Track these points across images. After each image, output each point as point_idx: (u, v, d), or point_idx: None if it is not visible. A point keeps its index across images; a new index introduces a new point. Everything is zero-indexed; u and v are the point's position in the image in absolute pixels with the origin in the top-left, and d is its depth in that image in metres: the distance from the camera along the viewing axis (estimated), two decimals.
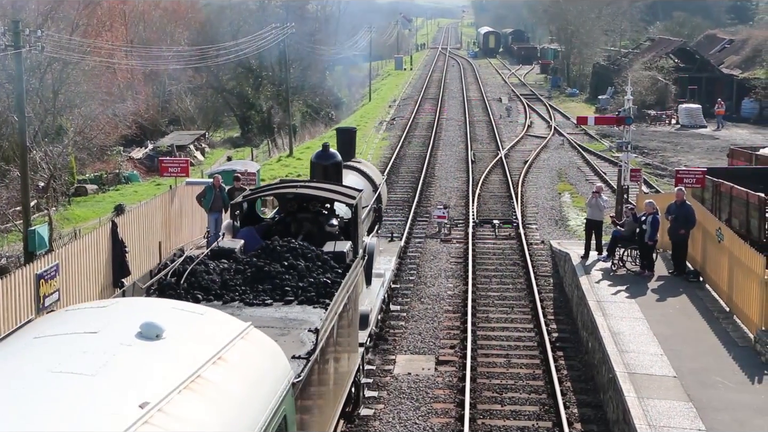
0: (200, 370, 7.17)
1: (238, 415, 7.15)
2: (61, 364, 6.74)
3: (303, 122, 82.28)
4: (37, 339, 7.49)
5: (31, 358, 7.03)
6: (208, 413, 6.77)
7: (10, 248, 35.29)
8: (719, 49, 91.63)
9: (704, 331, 18.61)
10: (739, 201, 26.93)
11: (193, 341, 7.86)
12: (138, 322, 7.56)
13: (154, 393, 6.44)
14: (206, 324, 8.46)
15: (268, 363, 8.55)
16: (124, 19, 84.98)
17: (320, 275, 14.31)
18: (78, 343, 7.24)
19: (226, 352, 7.79)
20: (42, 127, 50.77)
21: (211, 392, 7.03)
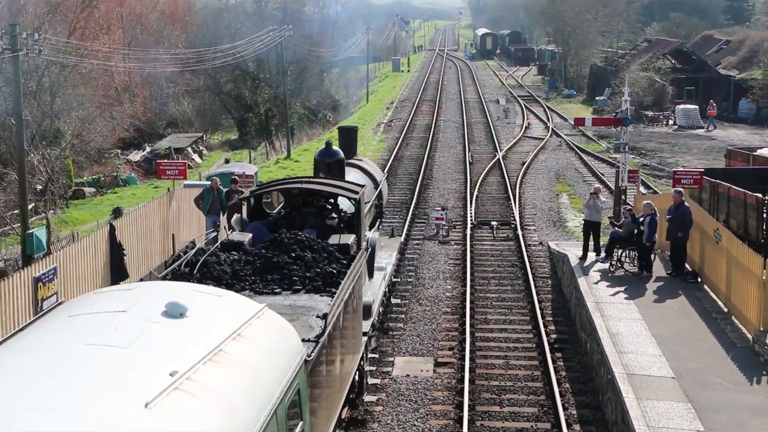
0: (222, 344, 7.86)
1: (257, 385, 7.89)
2: (96, 337, 7.45)
3: (300, 124, 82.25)
4: (71, 317, 8.20)
5: (68, 333, 7.72)
6: (230, 382, 7.48)
7: (8, 251, 35.25)
8: (716, 49, 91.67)
9: (702, 332, 18.62)
10: (737, 201, 26.95)
11: (213, 319, 8.61)
12: (163, 302, 8.30)
13: (181, 363, 7.12)
14: (225, 304, 9.23)
15: (283, 340, 9.29)
16: (122, 22, 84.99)
17: (326, 266, 14.90)
18: (109, 320, 7.95)
19: (244, 330, 8.51)
20: (39, 131, 50.75)
21: (233, 364, 7.73)
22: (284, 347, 9.21)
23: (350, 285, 14.45)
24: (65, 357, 7.06)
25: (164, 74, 77.22)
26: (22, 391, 6.40)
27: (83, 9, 64.35)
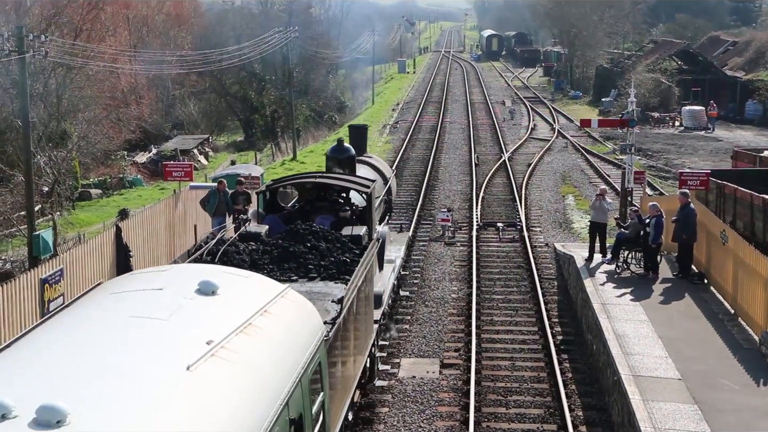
0: (250, 319, 8.68)
1: (283, 356, 8.78)
2: (139, 311, 8.32)
3: (306, 126, 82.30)
4: (113, 294, 9.13)
5: (113, 308, 8.61)
6: (260, 352, 8.34)
7: (15, 253, 35.32)
8: (722, 50, 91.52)
9: (709, 334, 18.58)
10: (744, 203, 26.92)
11: (242, 297, 9.52)
12: (195, 281, 9.17)
13: (216, 334, 7.92)
14: (252, 284, 10.20)
15: (305, 317, 10.19)
16: (128, 24, 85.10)
17: (340, 255, 15.71)
18: (149, 296, 8.88)
19: (270, 307, 9.34)
20: (46, 132, 50.84)
21: (261, 336, 8.57)
22: (306, 324, 10.07)
23: (363, 273, 15.18)
24: (114, 327, 7.98)
25: (170, 76, 77.37)
26: (80, 353, 7.27)
27: (89, 11, 64.40)
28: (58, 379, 6.65)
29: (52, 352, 7.35)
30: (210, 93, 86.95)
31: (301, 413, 8.94)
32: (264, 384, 7.97)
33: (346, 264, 15.28)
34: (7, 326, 16.58)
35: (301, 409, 8.97)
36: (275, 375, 8.32)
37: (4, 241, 38.11)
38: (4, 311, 16.58)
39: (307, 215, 19.09)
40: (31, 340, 7.76)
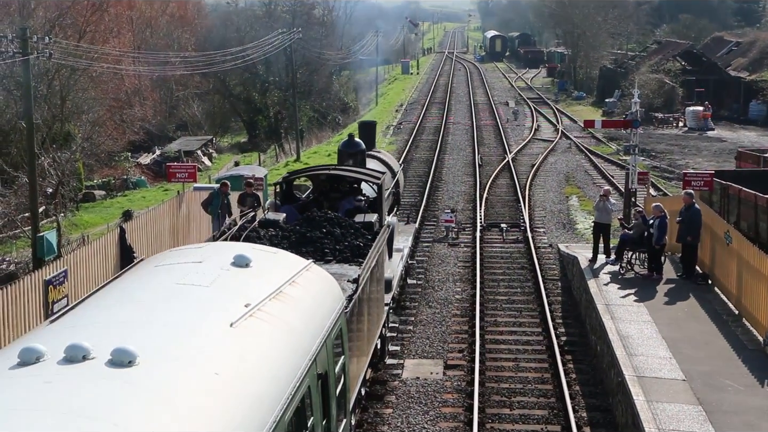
0: (281, 287, 9.90)
1: (310, 318, 10.00)
2: (184, 279, 9.51)
3: (310, 127, 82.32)
4: (158, 267, 10.33)
5: (160, 277, 9.82)
6: (290, 314, 9.52)
7: (19, 254, 35.37)
8: (726, 51, 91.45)
9: (713, 334, 18.57)
10: (748, 204, 26.90)
11: (272, 269, 10.75)
12: (230, 255, 10.40)
13: (252, 299, 9.10)
14: (280, 259, 11.54)
15: (327, 288, 11.45)
16: (132, 26, 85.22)
17: (353, 240, 16.87)
18: (190, 267, 10.04)
19: (297, 278, 10.59)
20: (50, 134, 50.91)
21: (291, 302, 9.78)
22: (329, 293, 11.33)
23: (375, 256, 16.33)
24: (163, 291, 9.23)
25: (174, 77, 77.40)
26: (139, 311, 8.48)
27: (93, 12, 64.49)
28: (125, 330, 7.77)
29: (116, 310, 8.61)
30: (213, 94, 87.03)
31: (326, 371, 10.14)
32: (295, 341, 9.21)
33: (359, 248, 16.43)
34: (11, 327, 16.60)
35: (326, 367, 10.18)
36: (304, 334, 9.55)
37: (9, 243, 38.15)
38: (8, 312, 16.61)
39: (321, 205, 20.06)
40: (95, 301, 8.96)
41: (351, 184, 21.58)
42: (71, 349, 6.95)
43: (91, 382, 6.62)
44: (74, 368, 6.79)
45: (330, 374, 10.36)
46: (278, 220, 17.69)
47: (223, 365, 7.58)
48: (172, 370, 7.14)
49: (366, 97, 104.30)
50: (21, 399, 6.25)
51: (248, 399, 7.41)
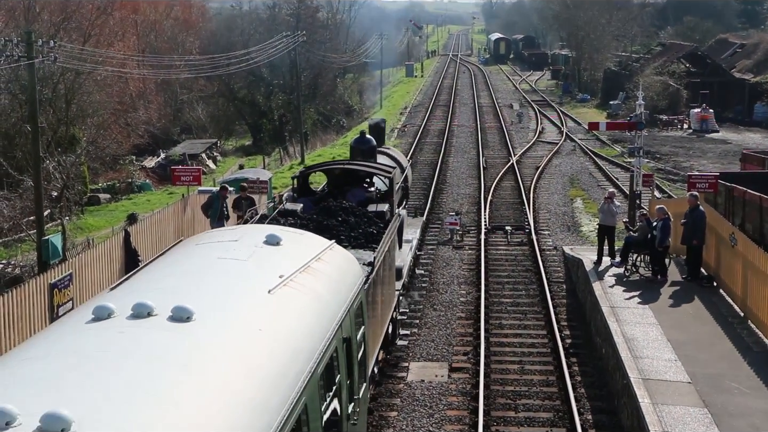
0: (309, 262, 11.02)
1: (335, 289, 11.24)
2: (223, 254, 10.70)
3: (314, 130, 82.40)
4: (198, 245, 11.58)
5: (201, 253, 11.03)
6: (319, 285, 10.71)
7: (24, 258, 35.41)
8: (731, 53, 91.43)
9: (718, 337, 18.54)
10: (753, 205, 26.87)
11: (300, 247, 11.93)
12: (262, 235, 11.56)
13: (285, 271, 10.24)
14: (306, 239, 12.80)
15: (349, 265, 12.73)
16: (136, 29, 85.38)
17: (367, 228, 18.10)
18: (228, 245, 11.24)
19: (322, 255, 11.77)
20: (55, 137, 51.03)
21: (318, 275, 10.99)
22: (350, 269, 12.62)
23: (387, 242, 17.41)
24: (207, 264, 10.43)
25: (178, 81, 77.54)
26: (188, 279, 9.77)
27: (98, 16, 64.68)
28: (179, 293, 8.85)
29: (168, 278, 9.87)
30: (218, 97, 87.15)
31: (350, 336, 11.37)
32: (324, 308, 10.45)
33: (372, 235, 17.71)
34: (16, 331, 16.61)
35: (350, 333, 11.40)
36: (331, 302, 10.79)
37: (14, 246, 38.20)
38: (13, 316, 16.62)
39: (335, 198, 20.86)
40: (146, 273, 10.25)
41: (363, 177, 22.69)
42: (137, 307, 8.09)
43: (157, 333, 7.78)
44: (142, 322, 7.94)
45: (353, 340, 11.62)
46: (296, 209, 18.78)
47: (265, 323, 8.90)
48: (223, 325, 8.36)
49: (370, 100, 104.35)
50: (101, 345, 7.42)
51: (287, 352, 8.72)
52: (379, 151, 25.69)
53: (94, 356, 7.15)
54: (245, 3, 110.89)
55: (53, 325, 8.99)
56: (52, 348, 7.47)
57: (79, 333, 7.80)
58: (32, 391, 6.37)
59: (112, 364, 7.03)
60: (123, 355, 7.24)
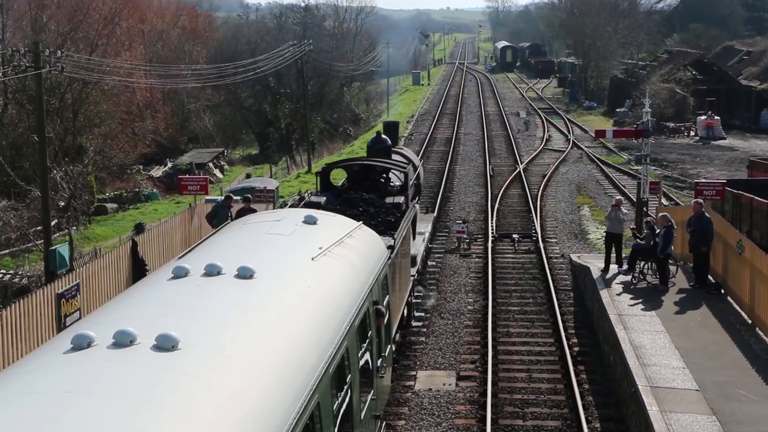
0: (342, 238, 12.94)
1: (365, 260, 13.29)
2: (269, 230, 12.71)
3: (321, 139, 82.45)
4: (246, 225, 13.86)
5: (251, 230, 13.21)
6: (352, 256, 12.70)
7: (32, 268, 35.45)
8: (737, 60, 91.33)
9: (726, 344, 18.48)
10: (760, 212, 26.81)
11: (334, 226, 13.85)
12: (300, 216, 13.62)
13: (323, 244, 12.10)
14: (338, 219, 14.80)
15: (375, 242, 14.84)
16: (143, 39, 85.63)
17: (385, 217, 20.07)
18: (272, 224, 13.21)
19: (353, 233, 13.76)
20: (62, 147, 51.12)
21: (351, 248, 12.97)
22: (377, 245, 14.72)
23: (404, 230, 19.51)
24: (256, 238, 12.52)
25: (185, 90, 77.67)
26: (243, 248, 11.55)
27: (105, 26, 64.88)
28: (239, 259, 10.32)
29: (227, 248, 11.61)
30: (225, 106, 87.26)
31: (378, 300, 13.37)
32: (357, 274, 12.39)
33: (391, 223, 19.66)
34: (24, 341, 16.63)
35: (378, 298, 13.43)
36: (363, 271, 12.77)
37: (21, 256, 38.27)
38: (21, 326, 16.64)
39: (355, 192, 22.27)
40: (206, 246, 12.18)
41: (380, 173, 24.29)
42: (210, 267, 9.86)
43: (227, 287, 9.52)
44: (212, 280, 9.68)
45: (381, 304, 13.56)
46: (320, 201, 20.23)
47: (312, 282, 10.73)
48: (279, 283, 10.22)
49: (377, 109, 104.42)
50: (186, 292, 9.31)
51: (331, 305, 10.55)
52: (393, 151, 27.01)
53: (181, 300, 9.07)
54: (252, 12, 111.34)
55: (145, 280, 11.27)
56: (147, 298, 9.43)
57: (164, 288, 9.64)
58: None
59: (200, 304, 8.91)
60: (207, 298, 9.09)
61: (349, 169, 25.26)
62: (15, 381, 7.04)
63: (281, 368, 8.21)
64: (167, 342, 7.38)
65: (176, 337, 7.43)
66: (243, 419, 6.90)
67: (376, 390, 12.94)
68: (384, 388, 14.39)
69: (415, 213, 24.27)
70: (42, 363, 7.39)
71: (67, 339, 7.57)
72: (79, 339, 7.43)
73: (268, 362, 8.14)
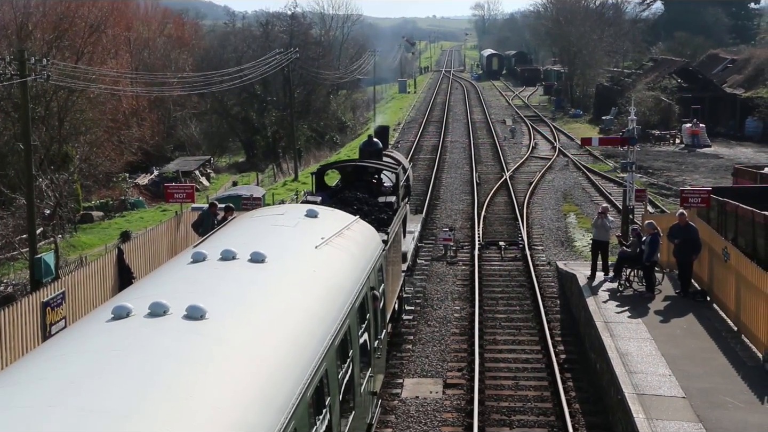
0: (341, 230, 14.16)
1: (363, 250, 14.58)
2: (275, 222, 14.10)
3: (308, 146, 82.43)
4: (252, 218, 14.95)
5: (258, 222, 14.42)
6: (350, 246, 13.97)
7: (17, 276, 35.33)
8: (722, 68, 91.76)
9: (712, 351, 18.54)
10: (745, 220, 26.92)
11: (333, 219, 15.13)
12: (302, 211, 14.93)
13: (325, 235, 13.41)
14: (337, 214, 16.12)
15: (371, 234, 16.20)
16: (129, 47, 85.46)
17: (378, 214, 21.40)
18: (277, 217, 14.63)
19: (351, 225, 15.10)
20: (48, 155, 50.98)
21: (349, 239, 14.25)
22: (373, 238, 16.09)
23: (396, 226, 20.94)
24: (263, 228, 13.76)
25: (172, 98, 77.54)
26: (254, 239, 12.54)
27: (91, 34, 64.69)
28: (250, 246, 11.50)
29: (239, 237, 12.80)
30: (211, 114, 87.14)
31: (374, 287, 14.61)
32: (355, 262, 13.64)
33: (384, 220, 21.04)
34: (9, 350, 16.54)
35: (374, 284, 14.69)
36: (361, 259, 14.04)
37: (6, 265, 38.11)
38: (6, 335, 16.55)
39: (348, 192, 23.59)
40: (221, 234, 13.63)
41: (373, 174, 25.54)
42: (225, 252, 11.13)
43: (242, 269, 10.73)
44: (229, 263, 10.90)
45: (376, 290, 14.88)
46: (316, 201, 21.04)
47: (316, 267, 11.96)
48: (288, 266, 11.52)
49: (363, 117, 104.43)
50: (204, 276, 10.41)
51: (334, 287, 11.85)
52: (383, 154, 28.28)
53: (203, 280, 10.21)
54: (238, 20, 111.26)
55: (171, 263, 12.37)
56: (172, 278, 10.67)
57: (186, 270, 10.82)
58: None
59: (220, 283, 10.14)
60: (220, 280, 10.27)
61: (343, 170, 26.65)
62: (69, 342, 8.26)
63: (296, 336, 9.46)
64: (196, 312, 8.55)
65: (204, 308, 8.60)
66: (263, 376, 8.06)
67: (374, 368, 14.29)
68: (380, 368, 15.77)
69: (406, 212, 25.64)
70: (89, 329, 8.60)
71: (108, 310, 8.75)
72: (119, 310, 8.60)
73: (284, 331, 9.37)
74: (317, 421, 9.51)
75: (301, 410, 8.56)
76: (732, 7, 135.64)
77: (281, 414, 7.85)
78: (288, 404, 8.12)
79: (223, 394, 7.35)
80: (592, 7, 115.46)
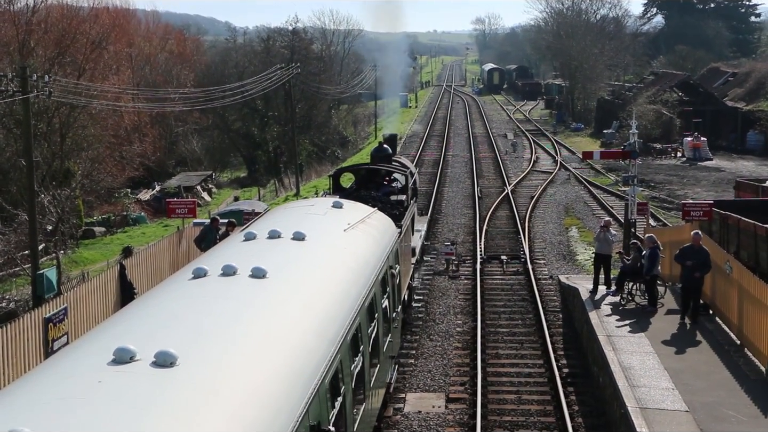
0: (363, 218, 16.85)
1: (382, 235, 17.27)
2: (307, 212, 16.87)
3: (309, 161, 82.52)
4: (285, 209, 18.19)
5: (291, 212, 17.25)
6: (372, 231, 16.61)
7: (19, 292, 35.31)
8: (723, 82, 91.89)
9: (715, 365, 18.50)
10: (747, 233, 26.89)
11: (356, 210, 17.81)
12: (329, 203, 17.85)
13: (350, 222, 16.09)
14: (358, 206, 19.06)
15: (388, 223, 18.93)
16: (131, 63, 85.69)
17: (391, 210, 23.11)
18: (308, 208, 17.48)
19: (371, 215, 17.82)
20: (50, 171, 51.03)
21: (371, 226, 16.91)
22: (389, 226, 18.82)
23: (407, 221, 23.20)
24: (298, 216, 16.25)
25: (173, 113, 77.69)
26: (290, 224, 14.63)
27: (92, 51, 64.84)
28: (291, 227, 14.18)
29: (280, 222, 15.31)
30: (213, 130, 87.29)
31: (392, 266, 17.00)
32: (377, 244, 16.30)
33: (396, 215, 22.75)
34: (11, 366, 16.51)
35: (393, 264, 17.25)
36: (381, 242, 16.66)
37: (8, 281, 38.10)
38: (8, 351, 16.53)
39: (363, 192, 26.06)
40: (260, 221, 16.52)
41: (384, 176, 28.87)
42: (272, 232, 13.90)
43: (287, 245, 13.49)
44: (276, 241, 13.62)
45: (394, 269, 17.20)
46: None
47: (346, 245, 14.64)
48: (323, 245, 14.13)
49: (365, 131, 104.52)
50: (257, 250, 13.05)
51: (362, 262, 14.42)
52: (392, 159, 30.99)
53: (257, 252, 12.81)
54: (240, 35, 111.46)
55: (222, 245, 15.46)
56: (229, 251, 13.27)
57: (240, 246, 13.59)
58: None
59: (271, 255, 12.68)
60: (275, 252, 12.88)
61: (357, 172, 30.49)
62: (161, 294, 10.87)
63: (337, 294, 12.18)
64: (259, 272, 11.08)
65: (266, 269, 11.14)
66: (315, 322, 10.66)
67: (393, 335, 16.91)
68: (397, 337, 18.52)
69: (414, 211, 27.86)
70: (176, 285, 11.22)
71: (189, 272, 11.45)
72: (198, 270, 11.21)
73: (326, 292, 11.94)
74: (354, 361, 12.03)
75: (345, 346, 11.19)
76: (732, 21, 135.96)
77: (335, 341, 10.70)
78: (337, 337, 10.88)
79: (291, 334, 9.85)
80: (592, 21, 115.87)
